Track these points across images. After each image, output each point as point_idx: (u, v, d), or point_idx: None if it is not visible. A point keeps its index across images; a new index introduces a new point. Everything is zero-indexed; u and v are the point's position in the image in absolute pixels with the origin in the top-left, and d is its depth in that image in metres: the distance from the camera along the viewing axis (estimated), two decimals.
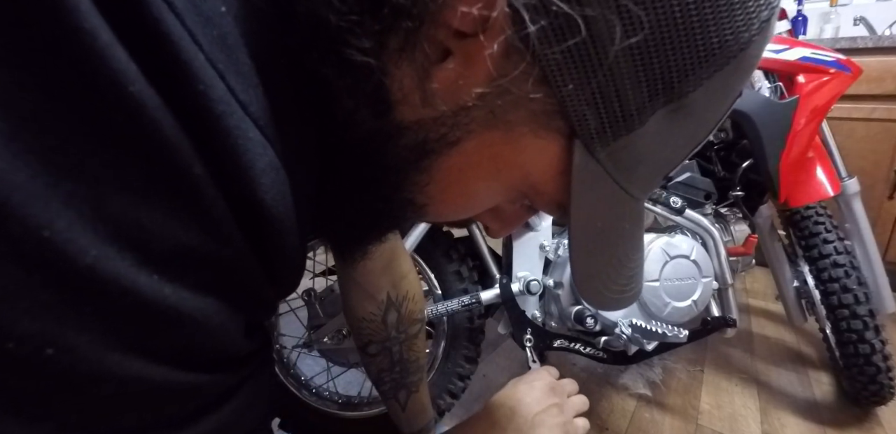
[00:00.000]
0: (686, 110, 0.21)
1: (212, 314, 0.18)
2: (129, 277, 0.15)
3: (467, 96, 0.20)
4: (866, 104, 1.60)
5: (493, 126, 0.21)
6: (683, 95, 0.20)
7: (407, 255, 0.59)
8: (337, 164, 0.25)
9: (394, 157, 0.23)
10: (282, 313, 0.91)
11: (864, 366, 0.94)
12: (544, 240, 0.85)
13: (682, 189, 0.90)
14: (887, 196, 1.62)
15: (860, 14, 1.90)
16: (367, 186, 0.25)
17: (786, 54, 0.87)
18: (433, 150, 0.22)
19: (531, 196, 0.25)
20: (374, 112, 0.21)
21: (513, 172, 0.24)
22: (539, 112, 0.21)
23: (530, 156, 0.23)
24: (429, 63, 0.20)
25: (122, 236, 0.15)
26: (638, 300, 0.83)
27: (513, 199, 0.27)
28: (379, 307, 0.56)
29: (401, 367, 0.59)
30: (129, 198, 0.15)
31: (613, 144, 0.21)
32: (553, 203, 0.25)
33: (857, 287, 0.93)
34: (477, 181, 0.24)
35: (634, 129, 0.21)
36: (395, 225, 0.31)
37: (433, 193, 0.25)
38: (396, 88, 0.21)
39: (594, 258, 0.27)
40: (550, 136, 0.22)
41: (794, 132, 0.87)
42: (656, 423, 1.01)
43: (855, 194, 1.06)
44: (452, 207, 0.27)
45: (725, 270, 0.90)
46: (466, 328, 0.90)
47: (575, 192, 0.23)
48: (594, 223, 0.26)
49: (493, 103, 0.20)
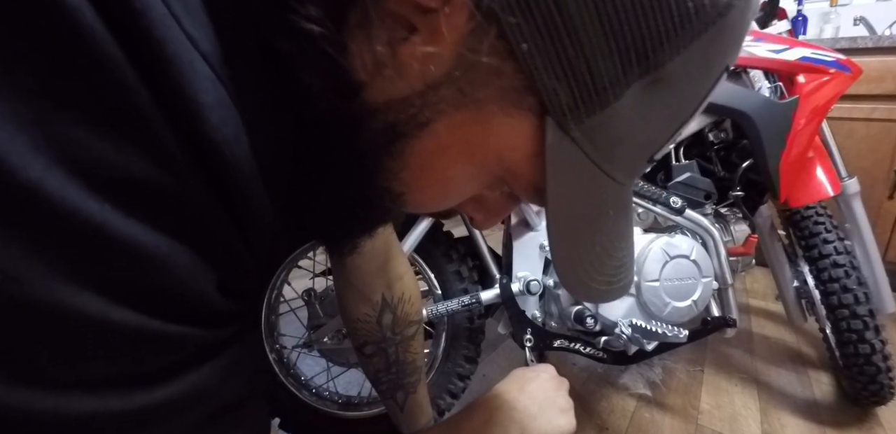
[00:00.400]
0: (664, 83, 0.20)
1: (170, 254, 0.17)
2: (76, 202, 0.15)
3: (435, 74, 0.19)
4: (866, 104, 1.60)
5: (462, 105, 0.21)
6: (660, 66, 0.19)
7: (404, 256, 0.59)
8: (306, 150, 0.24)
9: (366, 142, 0.22)
10: (282, 313, 0.91)
11: (864, 366, 0.94)
12: (544, 240, 0.85)
13: (682, 189, 0.90)
14: (887, 196, 1.62)
15: (860, 14, 1.90)
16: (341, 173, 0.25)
17: (786, 54, 0.87)
18: (404, 132, 0.22)
19: (508, 180, 0.24)
20: (339, 92, 0.21)
21: (487, 155, 0.23)
22: (508, 89, 0.20)
23: (503, 136, 0.22)
24: (393, 40, 0.19)
25: (70, 160, 0.15)
26: (638, 300, 0.83)
27: (492, 186, 0.26)
28: (374, 308, 0.56)
29: (397, 369, 0.59)
30: (76, 122, 0.15)
31: (588, 121, 0.20)
32: (531, 187, 0.24)
33: (857, 287, 0.93)
34: (452, 166, 0.23)
35: (609, 103, 0.20)
36: (377, 216, 0.29)
37: (408, 180, 0.24)
38: (360, 66, 0.20)
39: (575, 245, 0.26)
40: (522, 115, 0.21)
41: (794, 132, 0.87)
42: (656, 423, 1.01)
43: (855, 194, 1.06)
44: (430, 195, 0.26)
45: (725, 270, 0.90)
46: (466, 328, 0.90)
47: (550, 174, 0.22)
48: (574, 208, 0.24)
49: (462, 81, 0.20)
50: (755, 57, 0.86)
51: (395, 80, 0.20)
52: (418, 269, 0.87)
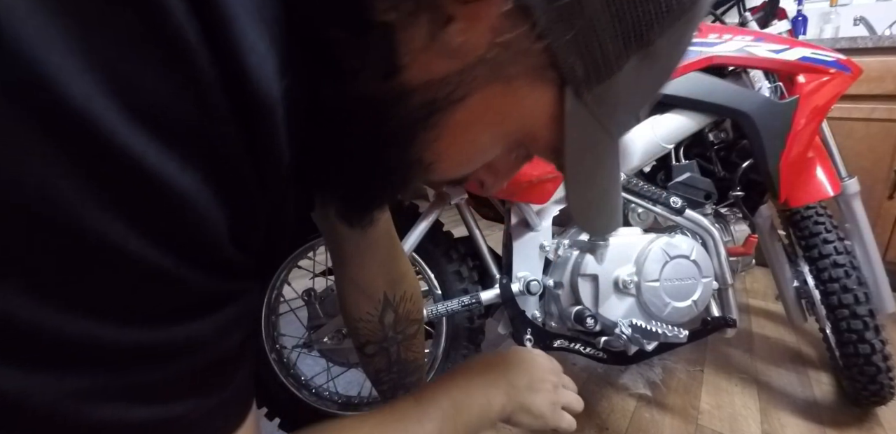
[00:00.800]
0: (653, 57, 0.24)
1: (196, 195, 0.18)
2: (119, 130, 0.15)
3: (471, 56, 0.22)
4: (866, 104, 1.60)
5: (494, 81, 0.24)
6: (651, 43, 0.23)
7: (405, 255, 0.59)
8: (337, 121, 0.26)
9: (403, 118, 0.25)
10: (282, 313, 0.91)
11: (864, 366, 0.94)
12: (544, 240, 0.85)
13: (682, 189, 0.90)
14: (887, 196, 1.62)
15: (860, 14, 1.90)
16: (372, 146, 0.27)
17: (786, 54, 0.87)
18: (440, 107, 0.24)
19: (528, 143, 0.28)
20: (382, 73, 0.23)
21: (513, 122, 0.26)
22: (534, 65, 0.23)
23: (528, 105, 0.25)
24: (435, 27, 0.21)
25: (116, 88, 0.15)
26: (638, 300, 0.83)
27: (511, 149, 0.30)
28: (376, 307, 0.56)
29: (398, 368, 0.59)
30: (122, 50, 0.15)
31: (596, 89, 0.24)
32: (548, 148, 0.28)
33: (857, 287, 0.93)
34: (482, 133, 0.27)
35: (613, 74, 0.24)
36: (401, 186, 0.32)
37: (441, 149, 0.26)
38: (404, 52, 0.22)
39: (584, 190, 0.31)
40: (545, 87, 0.24)
41: (794, 132, 0.87)
42: (656, 423, 1.01)
43: (855, 194, 1.06)
44: (457, 162, 0.29)
45: (725, 270, 0.90)
46: (466, 328, 0.90)
47: (568, 135, 0.26)
48: (584, 161, 0.29)
49: (494, 61, 0.23)
50: (755, 57, 0.86)
51: (434, 63, 0.23)
52: (418, 269, 0.87)
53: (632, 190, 0.83)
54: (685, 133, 0.88)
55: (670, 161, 0.92)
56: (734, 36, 0.86)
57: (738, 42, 0.85)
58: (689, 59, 0.82)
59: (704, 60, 0.83)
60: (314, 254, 0.90)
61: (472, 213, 0.88)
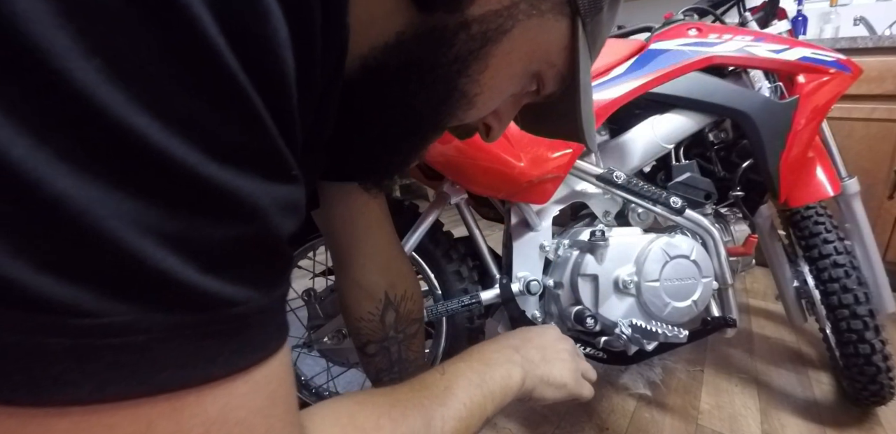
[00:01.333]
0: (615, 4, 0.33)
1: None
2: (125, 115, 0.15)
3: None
4: (866, 104, 1.60)
5: (531, 15, 0.29)
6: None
7: (405, 255, 0.59)
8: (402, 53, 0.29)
9: (460, 47, 0.28)
10: None
11: (864, 366, 0.94)
12: (544, 240, 0.85)
13: (682, 189, 0.90)
14: (887, 196, 1.62)
15: (860, 14, 1.90)
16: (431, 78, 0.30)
17: (786, 54, 0.87)
18: (491, 38, 0.28)
19: (545, 71, 0.33)
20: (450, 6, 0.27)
21: (541, 53, 0.31)
22: (559, 1, 0.29)
23: (551, 36, 0.31)
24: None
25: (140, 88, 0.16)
26: (638, 300, 0.83)
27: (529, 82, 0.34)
28: (377, 306, 0.56)
29: (399, 368, 0.59)
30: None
31: (591, 23, 0.31)
32: (558, 74, 0.34)
33: (857, 287, 0.93)
34: (517, 64, 0.31)
35: (601, 11, 0.31)
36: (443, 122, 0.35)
37: (484, 81, 0.31)
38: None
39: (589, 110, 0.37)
40: (564, 19, 0.30)
41: (794, 132, 0.87)
42: (656, 423, 1.01)
43: (855, 194, 1.06)
44: (494, 95, 0.33)
45: (725, 270, 0.89)
46: (466, 328, 0.90)
47: (581, 59, 0.32)
48: (586, 80, 0.34)
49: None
50: (755, 57, 0.85)
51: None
52: (418, 269, 0.87)
53: (632, 190, 0.83)
54: (685, 133, 0.88)
55: (670, 161, 0.92)
56: (734, 36, 0.86)
57: (738, 42, 0.85)
58: (690, 58, 0.82)
59: (704, 60, 0.83)
60: (314, 254, 0.90)
61: (472, 213, 0.88)
